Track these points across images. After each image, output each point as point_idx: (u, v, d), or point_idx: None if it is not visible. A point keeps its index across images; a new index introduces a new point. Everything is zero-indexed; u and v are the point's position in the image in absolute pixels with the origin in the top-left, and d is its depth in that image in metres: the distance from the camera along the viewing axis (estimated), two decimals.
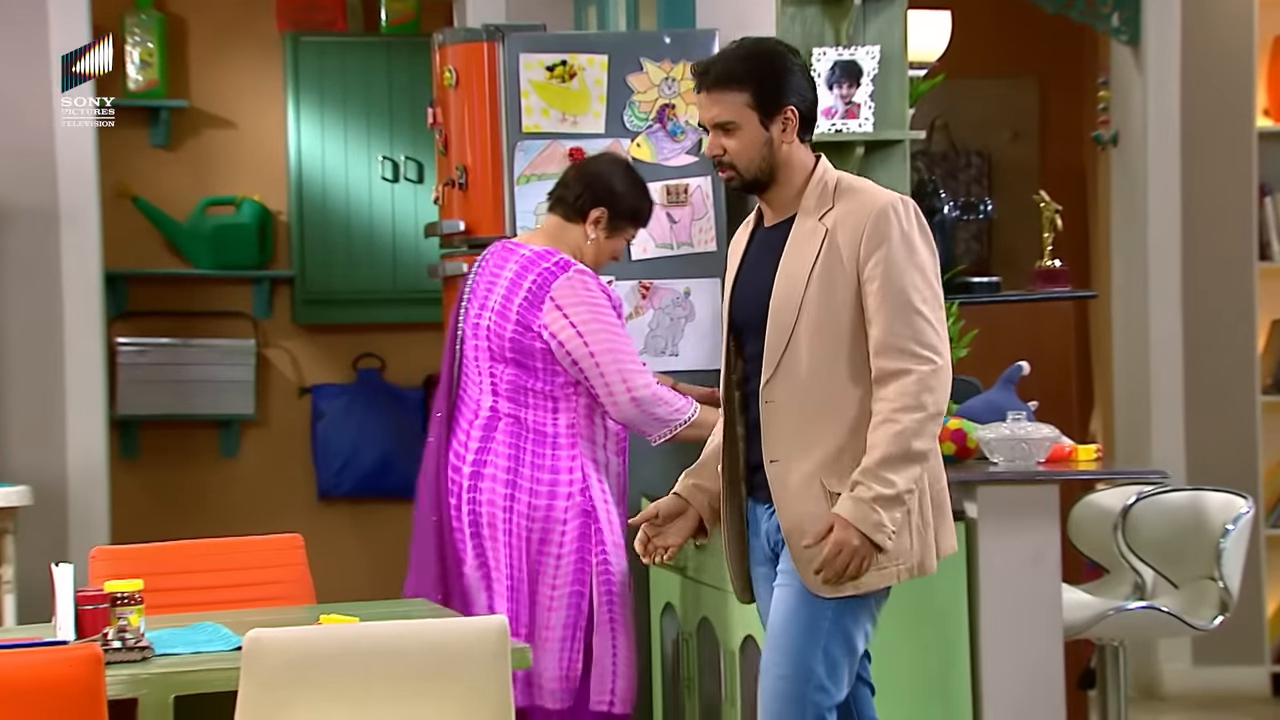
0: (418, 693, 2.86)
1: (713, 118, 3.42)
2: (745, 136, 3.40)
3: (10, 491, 5.19)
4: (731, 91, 3.40)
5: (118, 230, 6.70)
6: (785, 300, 3.34)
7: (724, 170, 3.45)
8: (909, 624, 3.95)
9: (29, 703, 2.70)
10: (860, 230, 3.31)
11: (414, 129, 7.13)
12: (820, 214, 3.38)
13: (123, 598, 3.10)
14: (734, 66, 3.41)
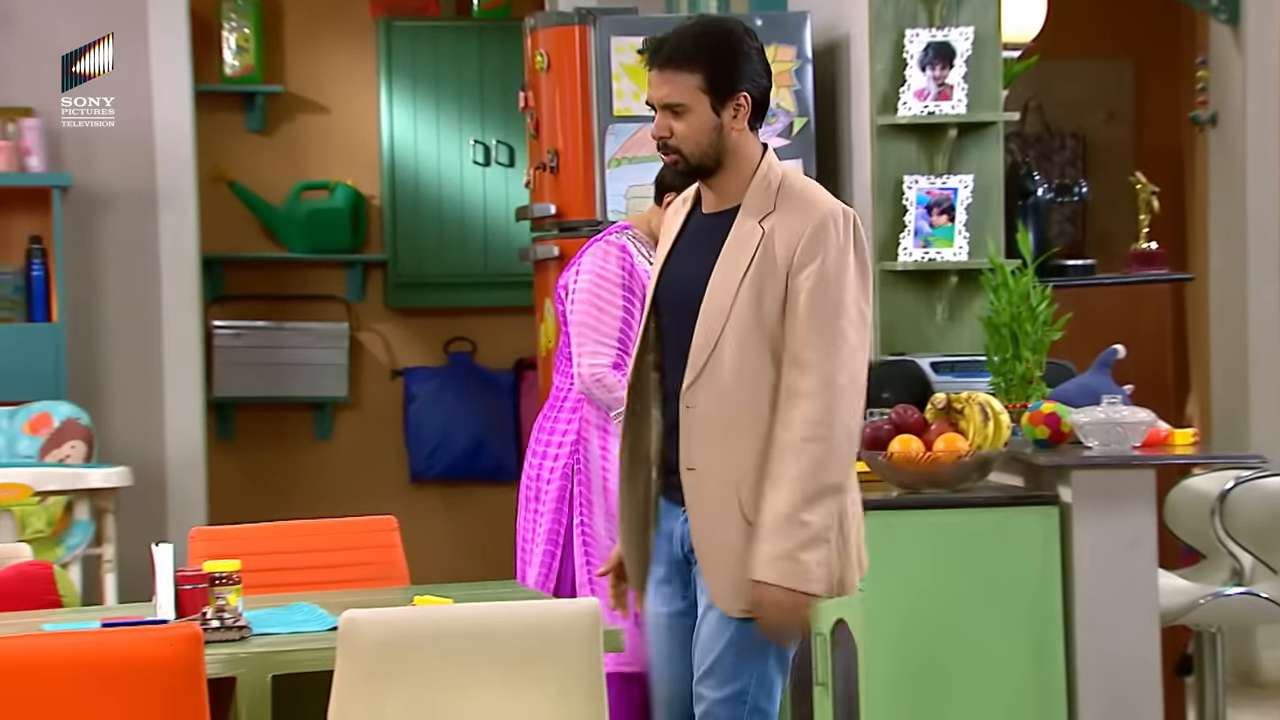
0: (511, 673, 2.87)
1: (662, 98, 3.25)
2: (694, 120, 3.24)
3: (111, 472, 5.26)
4: (683, 72, 3.23)
5: (214, 214, 6.78)
6: (716, 303, 3.20)
7: (669, 154, 3.28)
8: (1003, 611, 3.93)
9: (131, 680, 2.74)
10: (797, 239, 3.19)
11: (505, 113, 7.15)
12: (761, 215, 3.24)
13: (221, 578, 3.13)
14: (687, 46, 3.25)
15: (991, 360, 4.25)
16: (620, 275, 4.34)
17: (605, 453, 4.34)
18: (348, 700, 2.82)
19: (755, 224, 3.22)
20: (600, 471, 4.35)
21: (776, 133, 5.02)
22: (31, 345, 5.58)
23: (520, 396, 7.22)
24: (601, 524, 4.33)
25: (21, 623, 3.22)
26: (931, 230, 4.85)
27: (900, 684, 3.91)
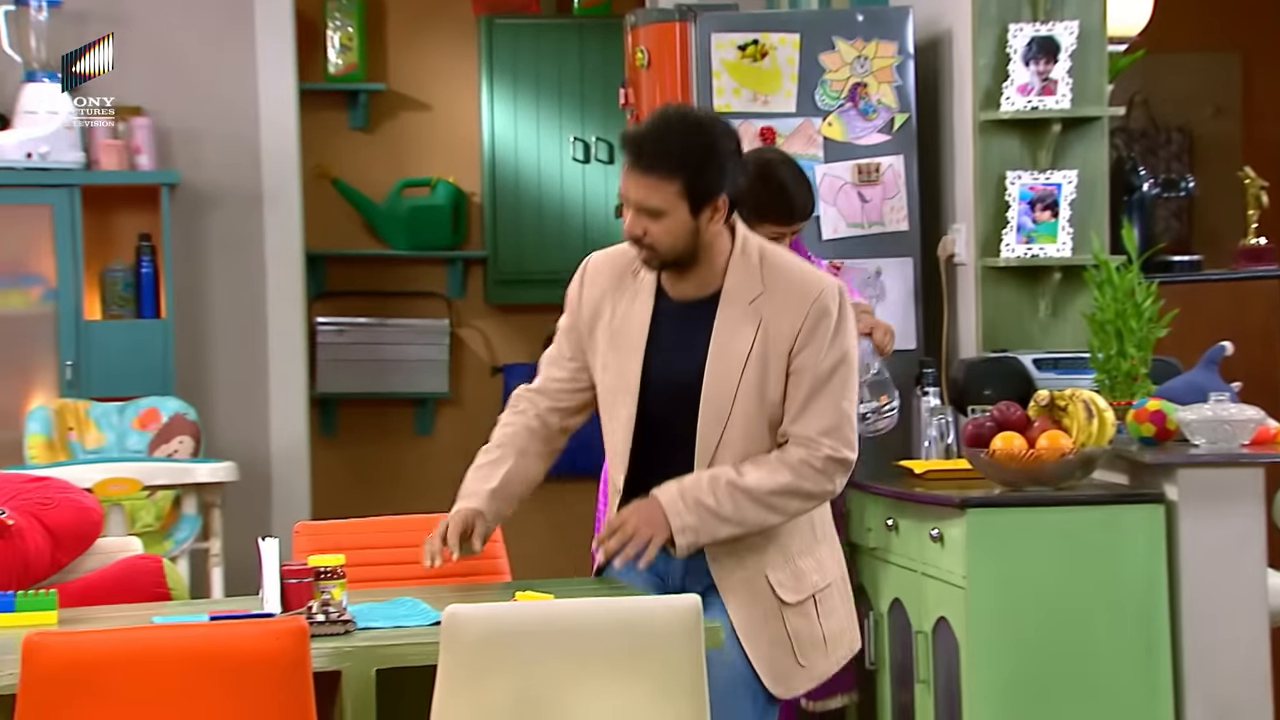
0: (612, 669, 2.88)
1: (639, 200, 3.24)
2: (670, 223, 3.25)
3: (217, 467, 5.33)
4: (663, 179, 3.22)
5: (317, 212, 6.85)
6: (720, 391, 3.27)
7: (642, 250, 3.29)
8: (1108, 610, 3.89)
9: (239, 673, 2.77)
10: (799, 323, 3.27)
11: (605, 110, 7.17)
12: (751, 297, 3.30)
13: (326, 572, 3.16)
14: (670, 151, 3.22)
15: (1096, 357, 4.21)
16: None
17: None
18: (451, 694, 2.84)
19: (747, 306, 3.30)
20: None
21: (877, 129, 5.00)
22: (141, 341, 5.67)
23: None
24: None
25: (132, 615, 3.27)
26: (1034, 226, 4.81)
27: (1003, 682, 3.88)
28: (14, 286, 5.63)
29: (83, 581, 3.56)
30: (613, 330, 3.39)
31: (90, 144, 5.68)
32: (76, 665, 2.71)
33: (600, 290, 3.43)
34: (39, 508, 3.55)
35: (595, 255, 3.52)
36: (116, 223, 5.81)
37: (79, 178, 5.58)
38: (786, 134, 4.95)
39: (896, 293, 5.01)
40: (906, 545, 4.22)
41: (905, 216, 5.01)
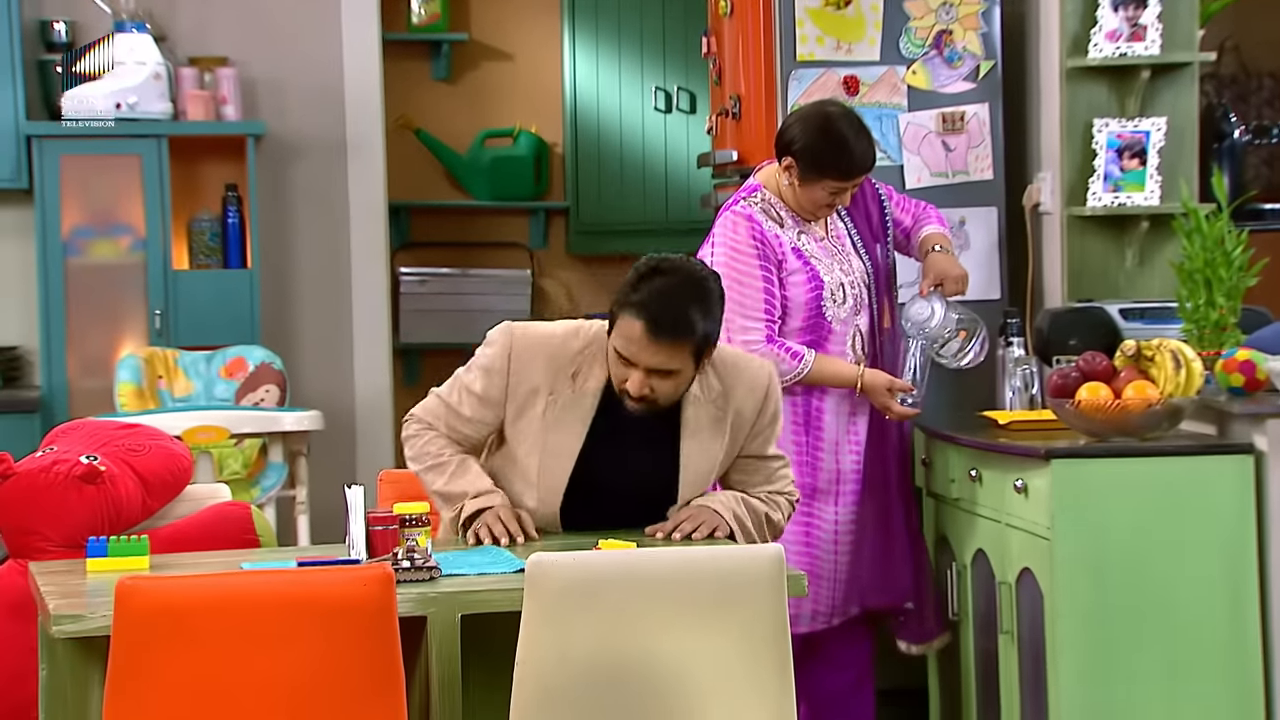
0: (694, 617, 2.89)
1: (656, 365, 3.37)
2: (680, 380, 3.42)
3: (303, 416, 5.38)
4: (681, 345, 3.37)
5: (400, 162, 6.88)
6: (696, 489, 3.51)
7: (637, 403, 3.40)
8: (1195, 561, 3.86)
9: (326, 619, 2.80)
10: (756, 408, 3.54)
11: (687, 59, 7.15)
12: (712, 397, 3.50)
13: (411, 519, 3.18)
14: (690, 320, 3.35)
15: (1184, 307, 4.17)
16: (753, 245, 4.24)
17: None
18: (534, 640, 2.86)
19: (711, 405, 3.50)
20: None
21: (962, 77, 4.95)
22: (227, 291, 5.72)
23: None
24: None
25: (221, 561, 3.31)
26: (1122, 174, 4.75)
27: (1087, 634, 3.86)
28: (104, 236, 5.69)
29: (173, 527, 3.61)
30: (545, 422, 3.47)
31: (178, 94, 5.72)
32: (168, 609, 2.76)
33: (533, 385, 3.49)
34: (130, 454, 3.59)
35: (521, 334, 3.54)
36: (203, 173, 5.86)
37: (167, 128, 5.62)
38: (870, 83, 4.92)
39: (980, 242, 4.97)
40: (990, 496, 4.20)
41: (990, 165, 4.97)
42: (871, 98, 4.92)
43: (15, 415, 5.41)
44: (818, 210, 4.31)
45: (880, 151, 4.93)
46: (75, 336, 5.59)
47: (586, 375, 3.46)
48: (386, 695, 2.83)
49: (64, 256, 5.58)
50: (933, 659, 4.63)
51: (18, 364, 5.81)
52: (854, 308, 4.33)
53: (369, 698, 2.82)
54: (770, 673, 2.90)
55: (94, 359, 5.62)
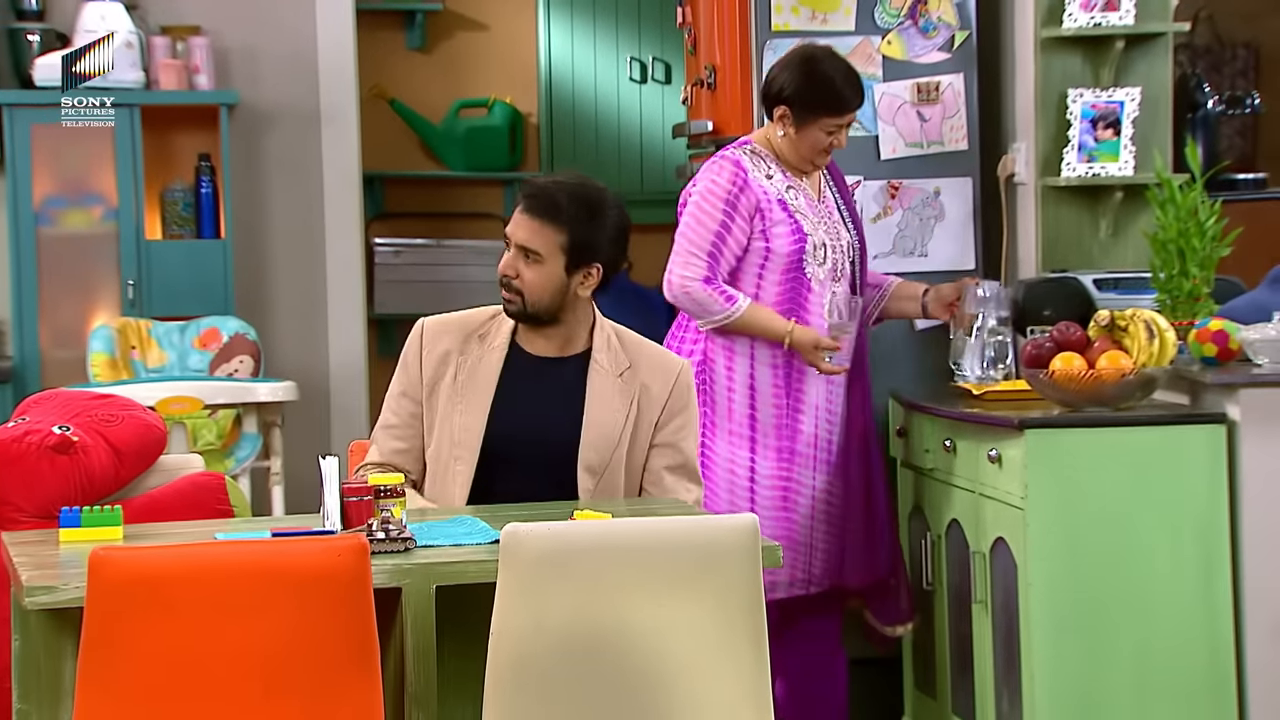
0: (670, 588, 2.89)
1: (522, 240, 3.45)
2: (544, 272, 3.45)
3: (277, 387, 5.36)
4: (549, 227, 3.43)
5: (374, 132, 6.85)
6: (600, 449, 3.48)
7: (507, 291, 3.47)
8: (1168, 531, 3.88)
9: (300, 589, 2.80)
10: (667, 389, 3.53)
11: (662, 29, 7.13)
12: (619, 370, 3.52)
13: (385, 490, 3.18)
14: (560, 202, 3.43)
15: (1157, 277, 4.18)
16: (728, 190, 4.29)
17: (731, 373, 4.34)
18: (509, 611, 2.86)
19: (617, 378, 3.51)
20: (726, 393, 4.33)
21: (937, 47, 4.95)
22: (201, 261, 5.69)
23: (675, 313, 7.23)
24: (724, 445, 4.32)
25: (195, 531, 3.30)
26: (1096, 145, 4.76)
27: (1061, 603, 3.88)
28: (76, 206, 5.66)
29: (147, 498, 3.60)
30: (457, 385, 3.52)
31: (149, 63, 5.69)
32: (141, 579, 2.75)
33: (443, 350, 3.56)
34: (103, 425, 3.58)
35: (430, 320, 3.64)
36: (176, 142, 5.83)
37: (139, 97, 5.59)
38: (845, 53, 4.90)
39: (955, 213, 4.98)
40: (964, 466, 4.22)
41: (965, 136, 4.97)
42: None
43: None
44: (816, 157, 4.34)
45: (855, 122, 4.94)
46: (47, 306, 5.57)
47: (494, 337, 3.55)
48: (361, 666, 2.83)
49: (35, 226, 5.55)
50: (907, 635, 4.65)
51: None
52: (833, 271, 4.33)
53: (344, 668, 2.82)
54: (745, 643, 2.91)
55: (66, 329, 5.60)
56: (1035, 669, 3.89)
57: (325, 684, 2.81)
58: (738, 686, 2.91)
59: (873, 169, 4.92)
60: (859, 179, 4.91)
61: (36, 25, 5.69)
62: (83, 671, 2.75)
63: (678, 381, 3.56)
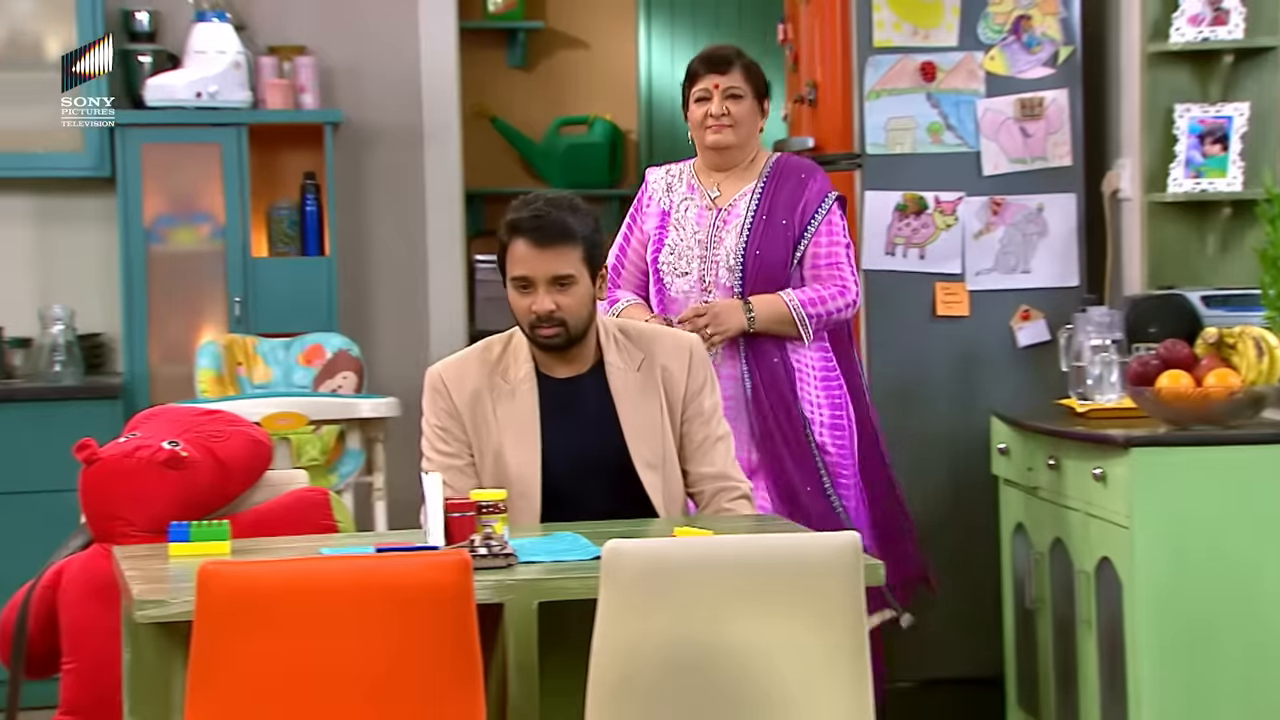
0: (771, 605, 2.89)
1: (551, 273, 3.44)
2: (579, 291, 3.47)
3: (380, 403, 5.40)
4: (569, 248, 3.44)
5: (476, 150, 6.90)
6: (650, 446, 3.51)
7: (549, 328, 3.46)
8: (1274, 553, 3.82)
9: (404, 605, 2.82)
10: (685, 367, 3.56)
11: (763, 46, 7.11)
12: (636, 364, 3.54)
13: (488, 506, 3.20)
14: (569, 221, 3.44)
15: (1267, 294, 4.12)
16: (634, 204, 4.37)
17: None
18: (611, 627, 2.87)
19: (635, 372, 3.52)
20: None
21: (1041, 62, 4.91)
22: (306, 278, 5.75)
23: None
24: None
25: (301, 546, 3.34)
26: (1203, 160, 4.70)
27: (1168, 624, 3.83)
28: (185, 224, 5.74)
29: (253, 513, 3.64)
30: (499, 422, 3.53)
31: (257, 83, 5.77)
32: (249, 594, 2.78)
33: (471, 390, 3.57)
34: (211, 440, 3.62)
35: (441, 369, 3.64)
36: (282, 161, 5.90)
37: (246, 116, 5.67)
38: (947, 69, 4.89)
39: (1059, 229, 4.94)
40: (1068, 484, 4.18)
41: (1069, 151, 4.93)
42: (948, 84, 4.89)
43: (98, 401, 5.47)
44: (705, 135, 4.24)
45: (957, 138, 4.91)
46: (157, 323, 5.65)
47: (515, 370, 3.56)
48: (464, 682, 2.84)
49: (146, 244, 5.63)
50: (1009, 648, 4.61)
51: (101, 351, 5.88)
52: (700, 284, 4.22)
53: (447, 684, 2.84)
54: (847, 661, 2.89)
55: (175, 346, 5.68)
56: (1141, 690, 3.84)
57: (428, 700, 2.83)
58: (839, 704, 2.90)
59: (975, 185, 4.90)
60: (960, 195, 4.89)
61: (148, 46, 5.79)
62: (192, 684, 2.78)
63: (692, 357, 3.58)
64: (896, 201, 4.90)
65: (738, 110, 4.23)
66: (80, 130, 5.63)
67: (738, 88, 4.24)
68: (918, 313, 4.90)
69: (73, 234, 5.87)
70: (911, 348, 4.90)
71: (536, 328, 3.49)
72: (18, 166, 5.69)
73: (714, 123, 4.23)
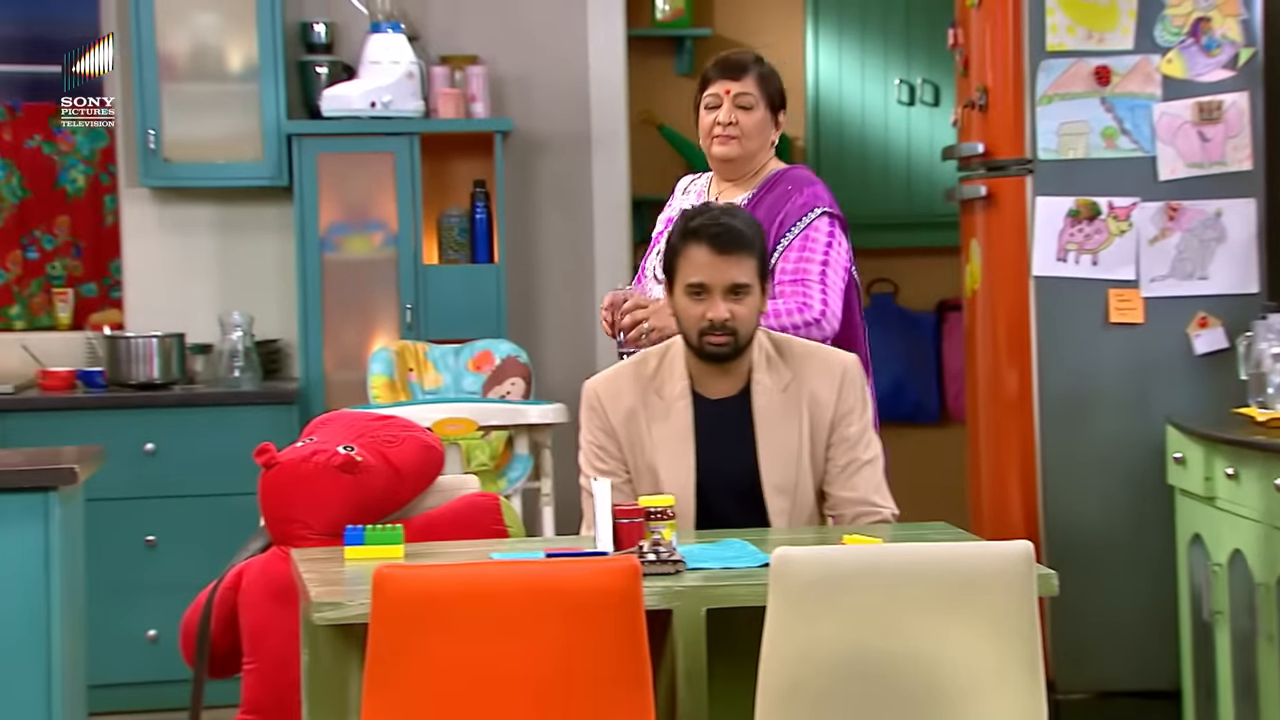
0: (942, 614, 2.86)
1: (730, 278, 3.45)
2: (753, 302, 3.49)
3: (548, 409, 5.44)
4: (745, 255, 3.46)
5: (643, 157, 6.92)
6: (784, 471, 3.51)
7: (721, 336, 3.46)
8: None
9: (574, 610, 2.84)
10: (834, 396, 3.54)
11: (930, 51, 7.07)
12: (783, 385, 3.53)
13: (656, 513, 3.21)
14: (744, 231, 3.46)
15: None
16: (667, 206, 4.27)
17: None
18: (780, 634, 2.86)
19: (781, 393, 3.51)
20: None
21: (1220, 65, 4.81)
22: (475, 285, 5.82)
23: (943, 338, 7.16)
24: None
25: (472, 551, 3.38)
26: None
27: None
28: (359, 232, 5.84)
29: (425, 517, 3.69)
30: (654, 440, 3.54)
31: (429, 92, 5.85)
32: (422, 597, 2.82)
33: (627, 407, 3.58)
34: (385, 445, 3.68)
35: (596, 383, 3.65)
36: (453, 169, 5.97)
37: (418, 126, 5.75)
38: (1122, 73, 4.81)
39: (1238, 234, 4.83)
40: (1248, 495, 4.08)
41: (1249, 155, 4.82)
42: (1124, 88, 4.82)
43: (275, 406, 5.58)
44: (712, 143, 4.07)
45: (1132, 143, 4.83)
46: (331, 330, 5.75)
47: (670, 387, 3.57)
48: (633, 688, 2.86)
49: (321, 252, 5.74)
50: (1186, 661, 4.52)
51: (278, 357, 6.00)
52: None
53: (617, 689, 2.85)
54: (1022, 669, 2.86)
55: (348, 352, 5.77)
56: None
57: (598, 704, 2.85)
58: (1012, 714, 2.87)
59: (1151, 190, 4.81)
60: (1135, 200, 4.80)
61: (325, 58, 5.90)
62: (368, 685, 2.83)
63: (844, 380, 3.56)
64: (1069, 207, 4.83)
65: (747, 121, 4.03)
66: (259, 140, 5.76)
67: (750, 95, 4.03)
68: (1090, 320, 4.83)
69: (251, 242, 6.00)
70: (1083, 355, 4.83)
71: (707, 334, 3.50)
72: (200, 176, 5.83)
73: (721, 132, 4.05)
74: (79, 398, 5.56)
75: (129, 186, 5.97)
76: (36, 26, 6.19)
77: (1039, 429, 4.83)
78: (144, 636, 5.46)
